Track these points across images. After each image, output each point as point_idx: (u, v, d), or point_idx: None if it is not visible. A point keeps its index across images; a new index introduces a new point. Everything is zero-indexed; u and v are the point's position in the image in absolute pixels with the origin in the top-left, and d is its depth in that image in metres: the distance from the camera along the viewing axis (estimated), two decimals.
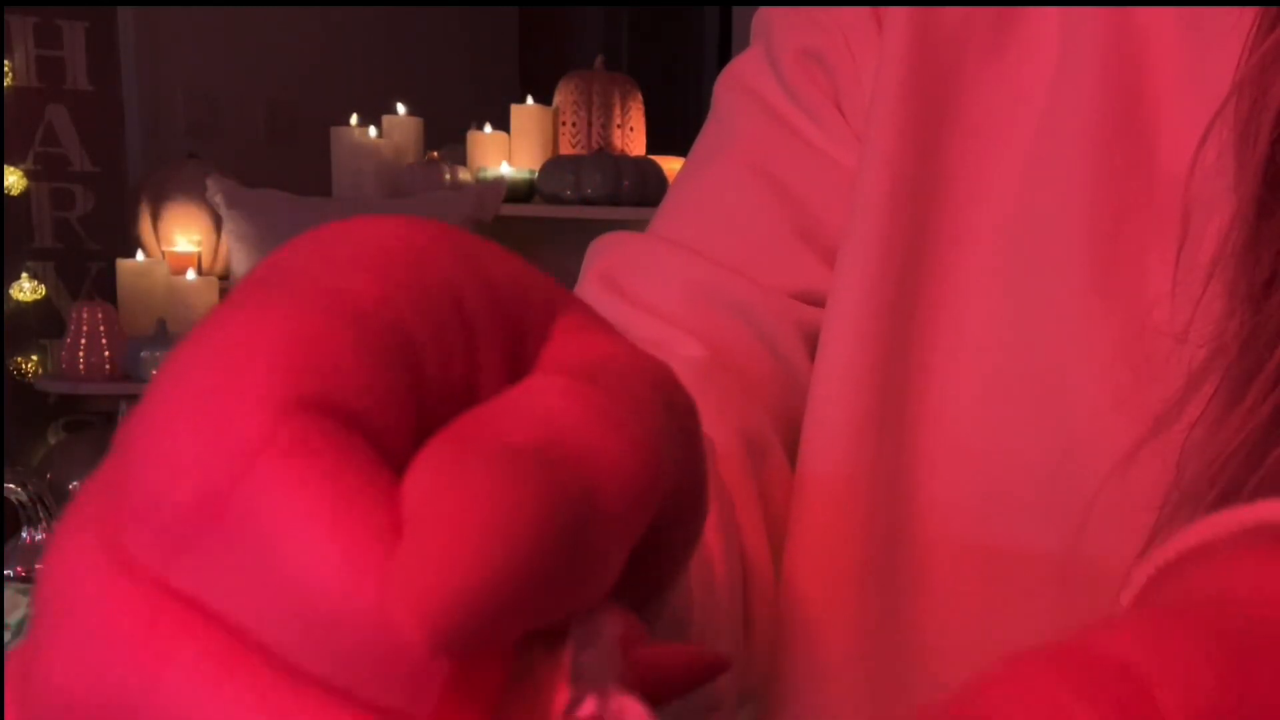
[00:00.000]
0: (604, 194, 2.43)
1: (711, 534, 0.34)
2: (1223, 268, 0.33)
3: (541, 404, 0.15)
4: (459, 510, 0.13)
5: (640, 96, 2.64)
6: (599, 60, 2.67)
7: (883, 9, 0.43)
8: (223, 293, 2.52)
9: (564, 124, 2.60)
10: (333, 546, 0.14)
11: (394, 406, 0.15)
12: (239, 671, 0.14)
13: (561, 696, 0.14)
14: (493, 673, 0.15)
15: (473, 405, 0.16)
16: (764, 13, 0.48)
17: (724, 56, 3.82)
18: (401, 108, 2.69)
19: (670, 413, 0.17)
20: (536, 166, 2.55)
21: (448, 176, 2.54)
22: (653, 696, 0.15)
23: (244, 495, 0.14)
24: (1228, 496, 0.32)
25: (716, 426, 0.39)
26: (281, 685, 0.14)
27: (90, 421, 2.60)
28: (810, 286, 0.44)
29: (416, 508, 0.14)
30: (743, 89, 0.47)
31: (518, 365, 0.17)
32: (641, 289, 0.44)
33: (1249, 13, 0.34)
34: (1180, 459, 0.33)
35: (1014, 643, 0.42)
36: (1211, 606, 0.18)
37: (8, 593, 0.84)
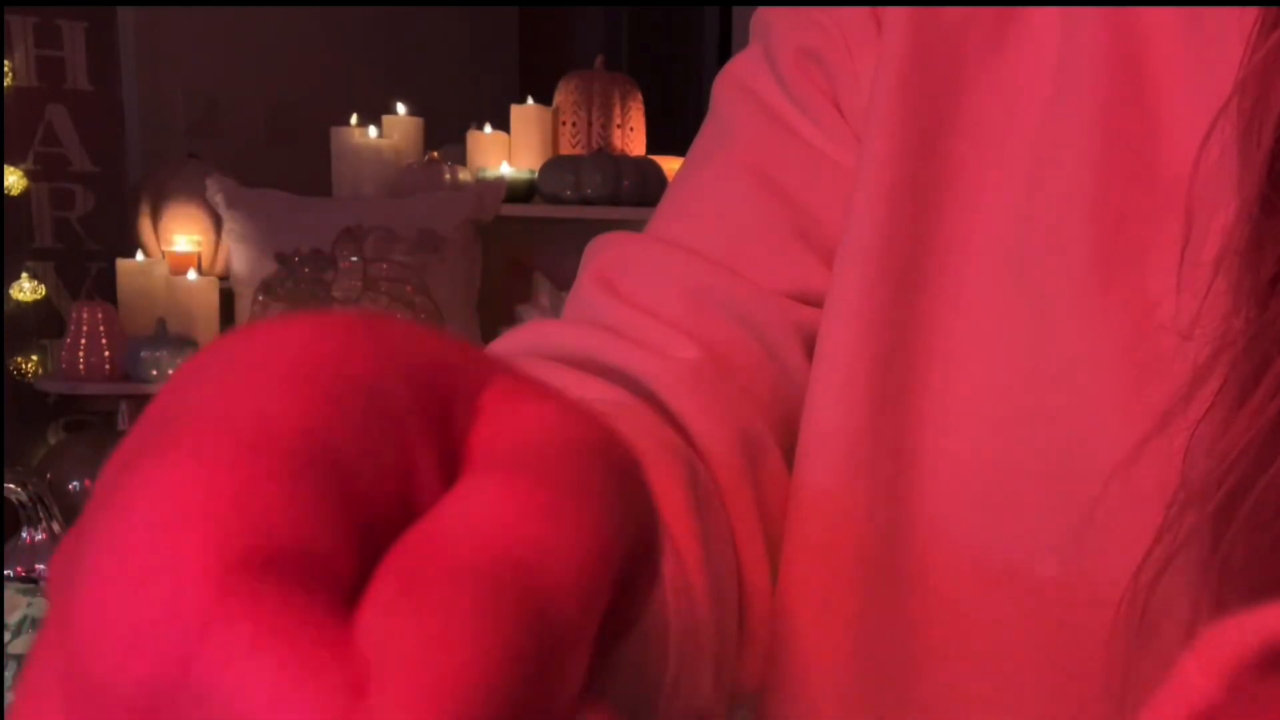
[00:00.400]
0: (604, 194, 2.43)
1: (693, 557, 0.34)
2: (1227, 266, 0.33)
3: (480, 514, 0.15)
4: (419, 657, 0.13)
5: (640, 96, 2.64)
6: (599, 60, 2.67)
7: (882, 9, 0.43)
8: (223, 293, 2.52)
9: (564, 124, 2.60)
10: (298, 712, 0.13)
11: (334, 537, 0.15)
12: None
13: None
14: None
15: (409, 504, 0.16)
16: (763, 12, 0.48)
17: (724, 56, 3.81)
18: (401, 108, 2.69)
19: (611, 476, 0.17)
20: (536, 166, 2.55)
21: (448, 176, 2.54)
22: None
23: (198, 674, 0.14)
24: (1235, 497, 0.31)
25: (712, 429, 0.39)
26: None
27: (90, 421, 2.60)
28: (808, 287, 0.44)
29: (376, 656, 0.14)
30: (741, 88, 0.47)
31: (449, 447, 0.17)
32: (638, 290, 0.43)
33: (1251, 10, 0.34)
34: (1186, 458, 0.33)
35: (1013, 647, 0.41)
36: None
37: (8, 593, 0.84)
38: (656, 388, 0.40)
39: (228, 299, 2.51)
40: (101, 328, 2.38)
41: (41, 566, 0.85)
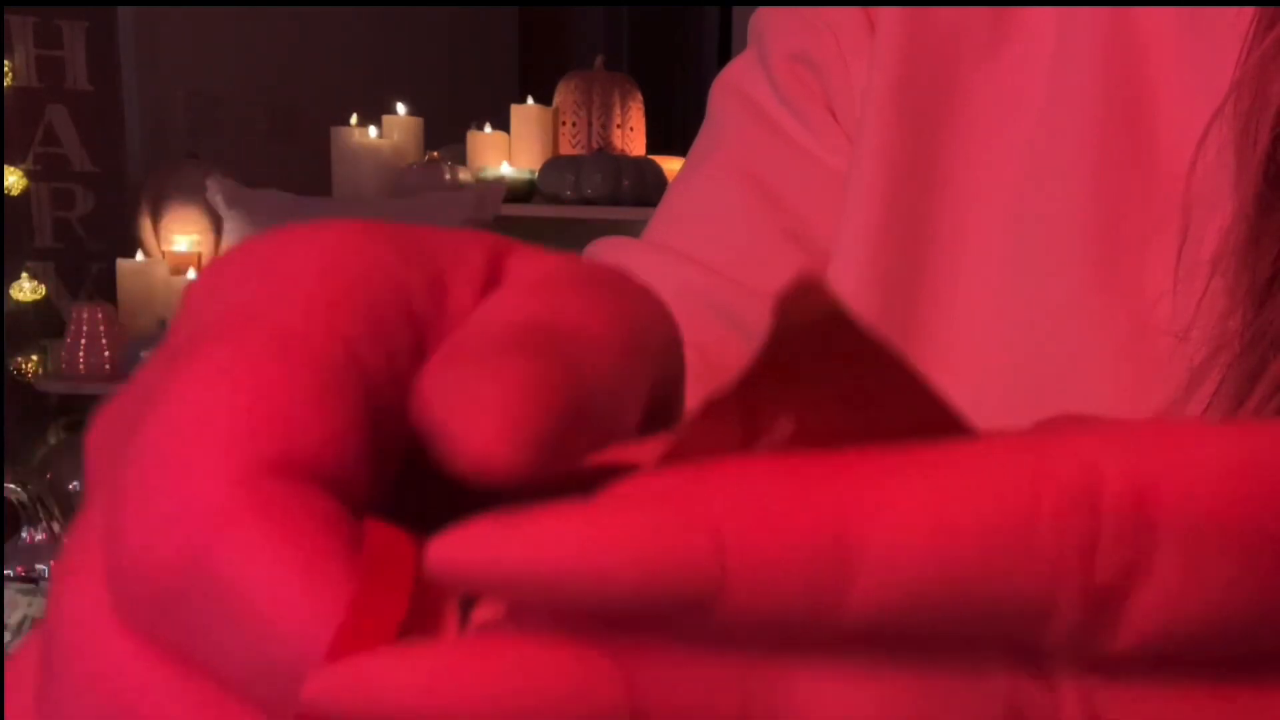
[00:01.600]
0: (604, 194, 2.42)
1: None
2: (1224, 265, 0.33)
3: (516, 303, 0.16)
4: (480, 400, 0.15)
5: (640, 96, 2.64)
6: (599, 60, 2.67)
7: (876, 11, 0.43)
8: None
9: (564, 124, 2.60)
10: (299, 610, 0.14)
11: (351, 445, 0.16)
12: None
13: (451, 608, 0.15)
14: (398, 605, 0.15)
15: None
16: (759, 15, 0.48)
17: (724, 56, 3.82)
18: (401, 108, 2.69)
19: (642, 300, 0.18)
20: (536, 166, 2.55)
21: (448, 176, 2.54)
22: None
23: (207, 567, 0.14)
24: None
25: None
26: None
27: (90, 421, 2.59)
28: None
29: (440, 417, 0.15)
30: (735, 92, 0.47)
31: None
32: None
33: (1247, 10, 0.34)
34: None
35: None
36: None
37: (8, 592, 0.84)
38: None
39: None
40: (101, 328, 2.38)
41: (42, 566, 0.85)
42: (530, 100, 2.64)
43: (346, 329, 0.16)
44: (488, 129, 2.62)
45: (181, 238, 2.60)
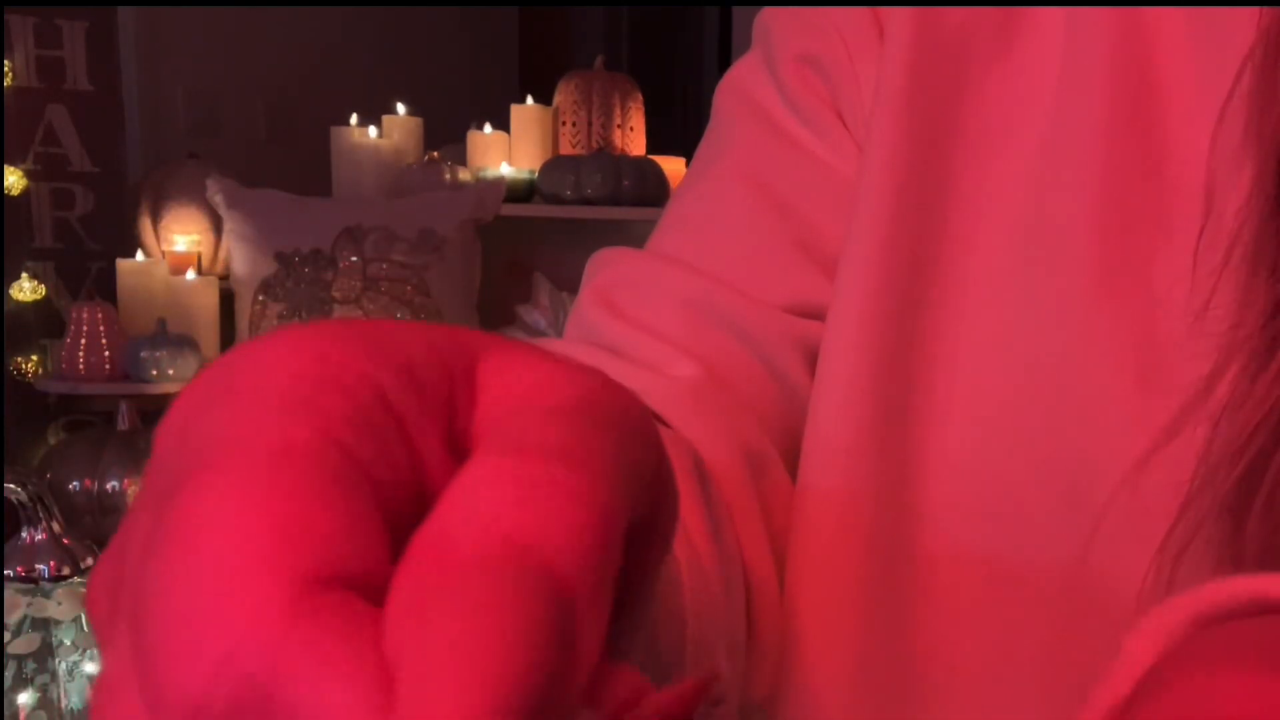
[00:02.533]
0: (604, 194, 2.42)
1: (705, 544, 0.34)
2: (1240, 250, 0.33)
3: (478, 502, 0.16)
4: (441, 660, 0.14)
5: (640, 96, 2.63)
6: (599, 60, 2.67)
7: (884, 12, 0.43)
8: (223, 293, 2.52)
9: (564, 124, 2.60)
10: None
11: (378, 549, 0.16)
12: None
13: None
14: None
15: (424, 492, 0.16)
16: (764, 16, 0.47)
17: (724, 56, 3.82)
18: (401, 108, 2.69)
19: (609, 430, 0.17)
20: (536, 166, 2.55)
21: (448, 176, 2.54)
22: None
23: (281, 692, 0.14)
24: (1254, 474, 0.31)
25: (714, 444, 0.39)
26: None
27: (90, 421, 2.59)
28: (808, 298, 0.43)
29: (402, 661, 0.14)
30: (740, 96, 0.46)
31: (457, 426, 0.17)
32: (636, 308, 0.43)
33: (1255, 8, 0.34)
34: (1205, 444, 0.33)
35: (1018, 657, 0.41)
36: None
37: (8, 593, 0.84)
38: (656, 405, 0.40)
39: (228, 299, 2.51)
40: (101, 328, 2.38)
41: (41, 566, 0.85)
42: (530, 100, 2.63)
43: (332, 428, 0.16)
44: (488, 129, 2.62)
45: (181, 238, 2.60)
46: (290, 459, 0.15)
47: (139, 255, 2.52)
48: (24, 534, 0.86)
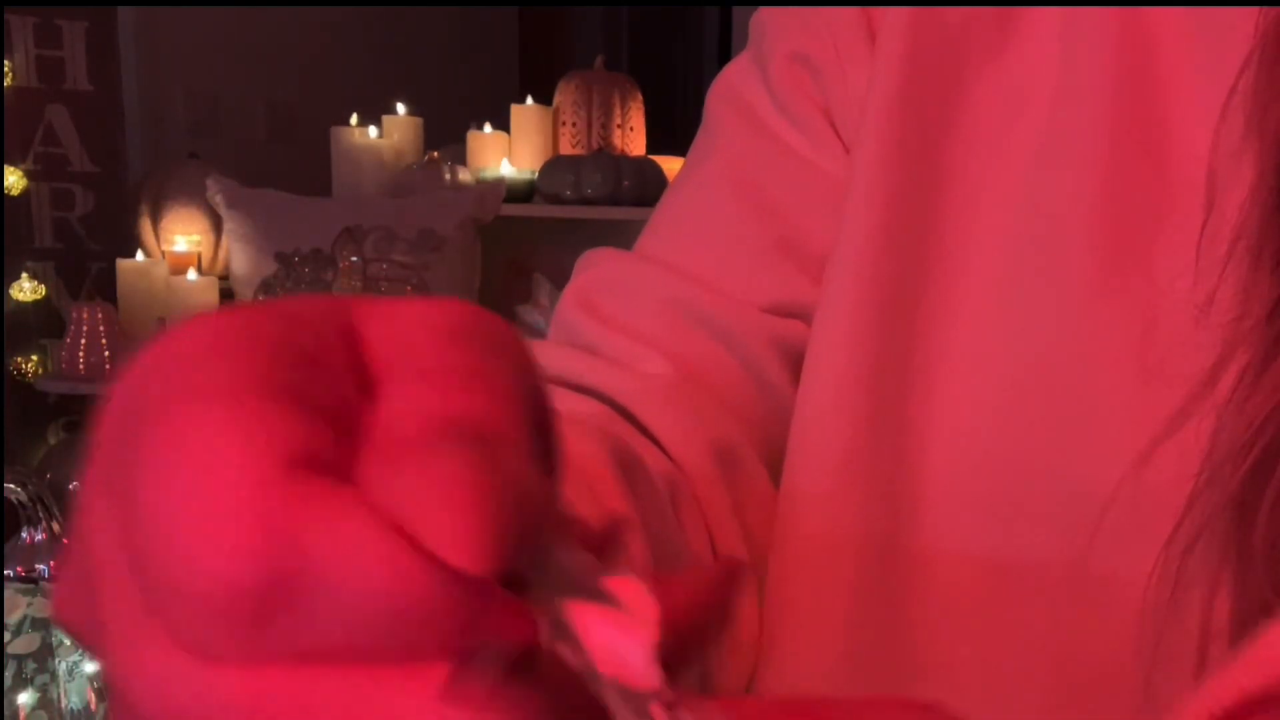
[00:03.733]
0: (604, 194, 2.42)
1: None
2: (1244, 242, 0.33)
3: (419, 404, 0.18)
4: (450, 502, 0.16)
5: (640, 96, 2.63)
6: (599, 60, 2.67)
7: (876, 13, 0.43)
8: (223, 293, 2.52)
9: (564, 124, 2.60)
10: (416, 581, 0.16)
11: (327, 434, 0.17)
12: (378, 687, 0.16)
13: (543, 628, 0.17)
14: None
15: (347, 416, 0.18)
16: (760, 14, 0.47)
17: (724, 56, 3.82)
18: (401, 108, 2.69)
19: (486, 343, 0.19)
20: (536, 166, 2.55)
21: (448, 176, 2.54)
22: (686, 625, 0.18)
23: (312, 563, 0.16)
24: (1262, 466, 0.31)
25: (684, 440, 0.40)
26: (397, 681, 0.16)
27: (90, 421, 2.59)
28: (788, 298, 0.43)
29: (407, 508, 0.16)
30: (730, 97, 0.47)
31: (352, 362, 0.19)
32: (615, 308, 0.44)
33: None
34: (1211, 435, 0.33)
35: (1018, 655, 0.41)
36: None
37: (8, 593, 0.84)
38: (628, 403, 0.40)
39: (228, 299, 2.51)
40: (101, 328, 2.38)
41: (41, 566, 0.85)
42: (530, 100, 2.63)
43: (266, 366, 0.17)
44: (488, 129, 2.62)
45: (181, 238, 2.60)
46: (246, 387, 0.17)
47: (139, 255, 2.52)
48: (24, 534, 0.86)
